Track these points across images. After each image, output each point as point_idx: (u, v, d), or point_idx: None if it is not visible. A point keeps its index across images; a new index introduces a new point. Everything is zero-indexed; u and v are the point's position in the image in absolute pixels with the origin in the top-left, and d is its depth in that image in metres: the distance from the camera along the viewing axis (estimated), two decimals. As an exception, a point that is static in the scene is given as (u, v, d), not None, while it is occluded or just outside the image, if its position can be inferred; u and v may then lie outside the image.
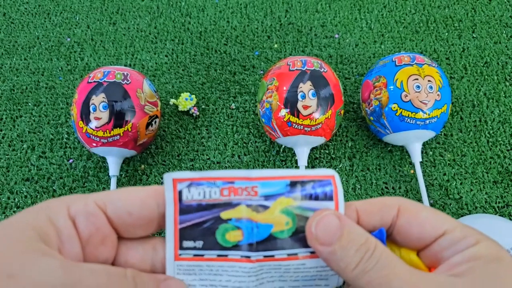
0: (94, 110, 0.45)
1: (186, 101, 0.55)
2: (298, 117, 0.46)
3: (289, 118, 0.46)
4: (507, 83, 0.58)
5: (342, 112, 0.49)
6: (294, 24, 0.65)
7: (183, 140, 0.54)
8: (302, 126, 0.46)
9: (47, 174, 0.52)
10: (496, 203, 0.49)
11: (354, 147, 0.53)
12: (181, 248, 0.20)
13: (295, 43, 0.63)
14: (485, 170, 0.51)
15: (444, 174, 0.51)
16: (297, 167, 0.50)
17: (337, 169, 0.52)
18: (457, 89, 0.57)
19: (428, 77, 0.46)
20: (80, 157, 0.53)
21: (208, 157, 0.53)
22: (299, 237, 0.20)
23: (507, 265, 0.18)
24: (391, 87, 0.47)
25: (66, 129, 0.55)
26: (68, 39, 0.65)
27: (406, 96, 0.46)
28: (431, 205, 0.48)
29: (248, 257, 0.20)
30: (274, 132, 0.48)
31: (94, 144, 0.46)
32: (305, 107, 0.46)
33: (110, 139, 0.46)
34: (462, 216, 0.47)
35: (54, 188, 0.51)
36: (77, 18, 0.68)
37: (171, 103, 0.56)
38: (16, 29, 0.67)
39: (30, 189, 0.51)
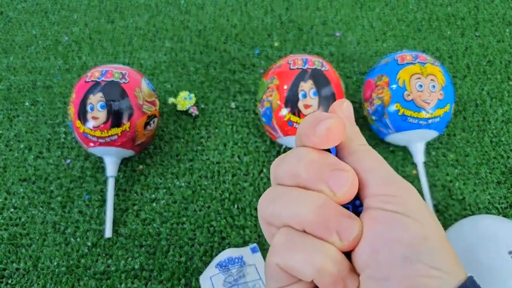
0: (92, 109, 0.44)
1: (185, 100, 0.54)
2: (299, 116, 0.45)
3: (289, 117, 0.45)
4: (511, 82, 0.57)
5: (344, 111, 0.49)
6: (294, 22, 0.65)
7: (182, 140, 0.54)
8: (303, 126, 0.45)
9: (44, 175, 0.51)
10: (499, 203, 0.48)
11: (355, 147, 0.52)
12: None
13: (296, 41, 0.62)
14: (488, 171, 0.50)
15: (447, 175, 0.50)
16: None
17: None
18: (460, 88, 0.57)
19: (430, 76, 0.46)
20: (78, 157, 0.52)
21: (207, 157, 0.52)
22: None
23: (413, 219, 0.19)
24: (393, 86, 0.46)
25: (63, 129, 0.55)
26: (66, 38, 0.64)
27: (408, 95, 0.45)
28: (434, 206, 0.48)
29: None
30: (275, 131, 0.47)
31: (92, 144, 0.46)
32: (306, 106, 0.45)
33: (108, 139, 0.45)
34: (465, 217, 0.46)
35: (51, 188, 0.50)
36: (75, 17, 0.67)
37: (169, 102, 0.55)
38: (14, 28, 0.66)
39: (27, 189, 0.50)
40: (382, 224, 0.19)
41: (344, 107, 0.22)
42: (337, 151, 0.21)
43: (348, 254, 0.19)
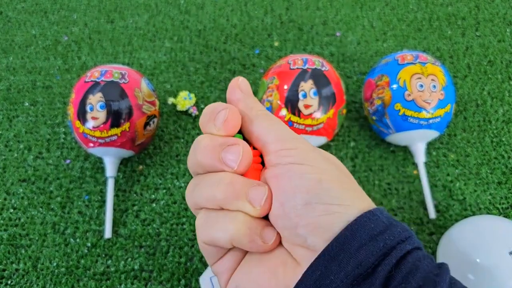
0: (91, 109, 0.44)
1: (184, 100, 0.54)
2: (299, 116, 0.45)
3: (290, 117, 0.45)
4: (511, 82, 0.57)
5: (344, 111, 0.48)
6: (295, 22, 0.65)
7: (182, 140, 0.53)
8: (303, 126, 0.45)
9: (44, 175, 0.51)
10: (500, 204, 0.48)
11: (356, 148, 0.52)
12: None
13: (296, 41, 0.62)
14: (489, 171, 0.50)
15: (448, 175, 0.50)
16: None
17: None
18: (460, 88, 0.57)
19: (431, 76, 0.45)
20: (77, 157, 0.52)
21: (207, 158, 0.52)
22: None
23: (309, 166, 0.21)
24: (394, 86, 0.46)
25: (63, 129, 0.54)
26: (66, 38, 0.64)
27: (409, 95, 0.45)
28: (435, 206, 0.47)
29: None
30: (275, 132, 0.47)
31: (91, 145, 0.45)
32: (306, 106, 0.45)
33: (108, 139, 0.45)
34: (466, 217, 0.46)
35: (51, 189, 0.50)
36: (75, 17, 0.67)
37: (169, 102, 0.55)
38: (13, 28, 0.66)
39: (27, 190, 0.50)
40: (282, 177, 0.21)
41: (240, 83, 0.24)
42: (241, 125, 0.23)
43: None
